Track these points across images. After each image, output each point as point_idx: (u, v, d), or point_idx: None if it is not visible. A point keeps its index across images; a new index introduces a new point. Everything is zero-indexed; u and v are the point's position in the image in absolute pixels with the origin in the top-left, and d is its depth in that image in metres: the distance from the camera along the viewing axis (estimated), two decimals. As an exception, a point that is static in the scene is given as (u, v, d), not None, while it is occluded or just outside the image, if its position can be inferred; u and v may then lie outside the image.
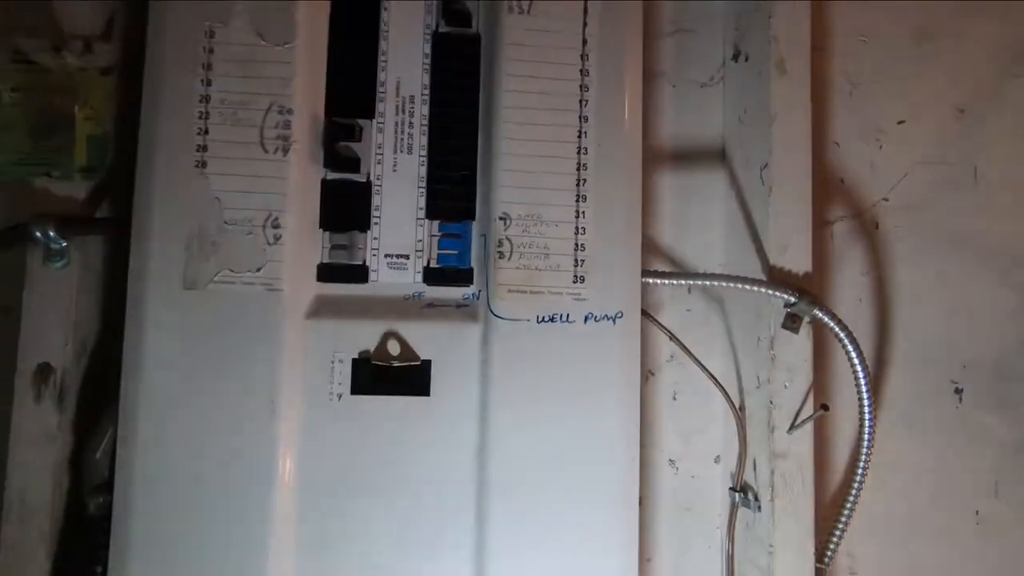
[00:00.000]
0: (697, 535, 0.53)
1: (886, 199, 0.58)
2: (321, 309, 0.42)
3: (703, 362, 0.50)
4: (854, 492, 0.46)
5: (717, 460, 0.54)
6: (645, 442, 0.53)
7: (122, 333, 0.39)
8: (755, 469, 0.49)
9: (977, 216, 0.57)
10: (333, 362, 0.41)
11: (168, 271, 0.39)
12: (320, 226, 0.42)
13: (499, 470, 0.40)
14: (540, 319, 0.41)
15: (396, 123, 0.43)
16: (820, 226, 0.55)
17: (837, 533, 0.47)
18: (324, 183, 0.42)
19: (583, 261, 0.42)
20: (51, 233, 0.41)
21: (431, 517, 0.40)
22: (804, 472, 0.46)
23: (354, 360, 0.41)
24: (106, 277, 0.43)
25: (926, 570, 0.54)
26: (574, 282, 0.42)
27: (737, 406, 0.50)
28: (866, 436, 0.46)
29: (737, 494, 0.49)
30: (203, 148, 0.40)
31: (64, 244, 0.42)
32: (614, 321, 0.42)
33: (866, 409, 0.46)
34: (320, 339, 0.41)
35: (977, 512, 0.55)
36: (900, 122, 0.58)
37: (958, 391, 0.56)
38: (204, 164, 0.40)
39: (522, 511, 0.40)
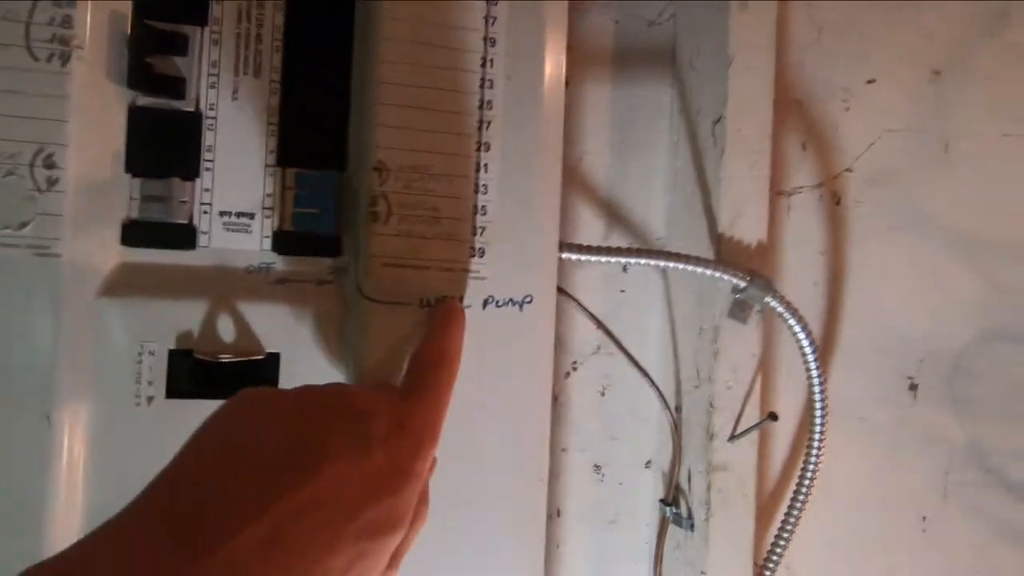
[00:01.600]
0: (622, 553, 0.43)
1: (849, 170, 0.47)
2: (124, 283, 0.28)
3: (639, 353, 0.39)
4: (797, 510, 0.36)
5: (648, 465, 0.44)
6: (567, 444, 0.42)
7: None
8: (689, 480, 0.38)
9: (947, 194, 0.47)
10: (141, 355, 0.28)
11: None
12: (126, 170, 0.28)
13: None
14: (425, 303, 0.29)
15: (238, 34, 0.29)
16: (774, 197, 0.44)
17: (776, 554, 0.37)
18: (132, 110, 0.28)
19: (484, 229, 0.30)
20: None
21: None
22: (745, 488, 0.36)
23: (171, 352, 0.28)
24: None
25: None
26: (471, 255, 0.29)
27: (673, 407, 0.39)
28: (815, 450, 0.36)
29: (668, 508, 0.39)
30: None
31: None
32: (521, 307, 0.30)
33: (818, 419, 0.36)
34: (122, 324, 0.27)
35: (924, 518, 0.46)
36: (870, 81, 0.47)
37: (912, 387, 0.47)
38: None
39: None
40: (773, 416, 0.37)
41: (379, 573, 0.21)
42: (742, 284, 0.37)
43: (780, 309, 0.37)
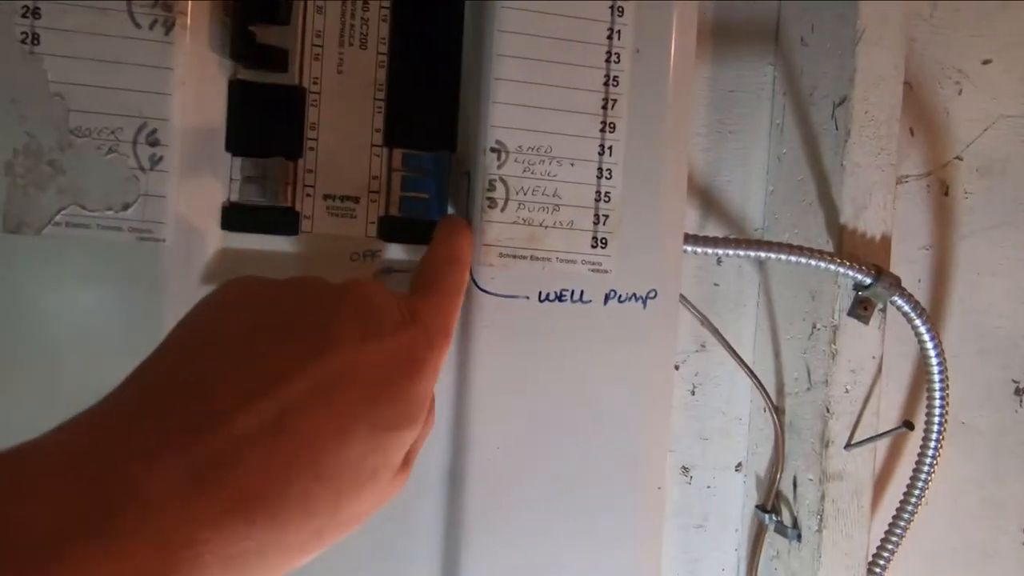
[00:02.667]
0: (708, 557, 0.41)
1: (959, 158, 0.44)
2: (227, 271, 0.26)
3: (739, 355, 0.36)
4: (904, 521, 0.33)
5: (738, 468, 0.41)
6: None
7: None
8: (795, 488, 0.35)
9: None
10: None
11: None
12: (226, 148, 0.26)
13: (480, 501, 0.26)
14: (543, 297, 0.26)
15: (344, 1, 0.26)
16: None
17: (880, 566, 0.34)
18: (233, 84, 0.26)
19: (607, 217, 0.27)
20: None
21: (385, 565, 0.25)
22: (861, 499, 0.33)
23: None
24: None
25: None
26: (594, 247, 0.27)
27: (773, 407, 0.36)
28: (929, 459, 0.33)
29: (767, 515, 0.36)
30: (33, 12, 0.23)
31: None
32: (644, 303, 0.27)
33: (936, 429, 0.33)
34: None
35: None
36: (985, 62, 0.43)
37: (1018, 391, 0.43)
38: (35, 38, 0.23)
39: (504, 558, 0.26)
40: (909, 425, 0.34)
41: (393, 472, 0.18)
42: (867, 281, 0.33)
43: (907, 309, 0.34)
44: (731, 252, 0.32)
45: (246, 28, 0.27)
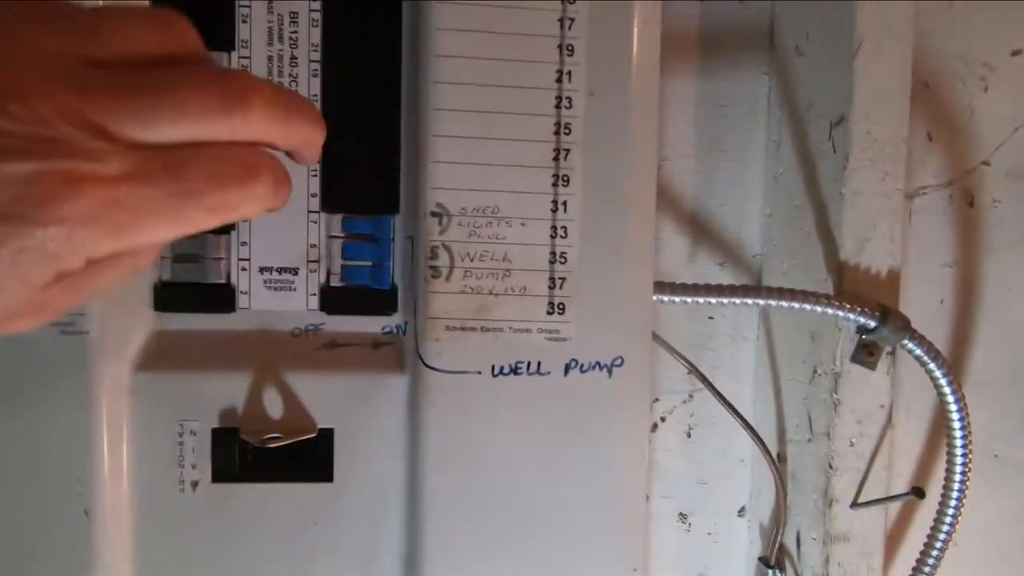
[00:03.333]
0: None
1: (987, 163, 0.39)
2: (160, 354, 0.24)
3: (732, 392, 0.34)
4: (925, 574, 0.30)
5: (741, 512, 0.38)
6: (650, 490, 0.37)
7: None
8: (799, 546, 0.32)
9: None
10: (182, 435, 0.24)
11: None
12: None
13: None
14: (497, 371, 0.24)
15: (271, 57, 0.24)
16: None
17: None
18: None
19: (563, 280, 0.24)
20: None
21: None
22: (872, 560, 0.30)
23: (214, 432, 0.24)
24: None
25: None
26: (550, 313, 0.24)
27: (775, 455, 0.33)
28: (949, 518, 0.29)
29: (772, 571, 0.33)
30: None
31: None
32: (610, 371, 0.24)
33: (957, 485, 0.29)
34: (160, 402, 0.24)
35: None
36: (1016, 52, 0.38)
37: None
38: None
39: None
40: (919, 493, 0.31)
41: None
42: (872, 324, 0.30)
43: (920, 353, 0.30)
44: (714, 301, 0.28)
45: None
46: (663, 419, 0.40)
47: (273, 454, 0.26)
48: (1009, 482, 0.42)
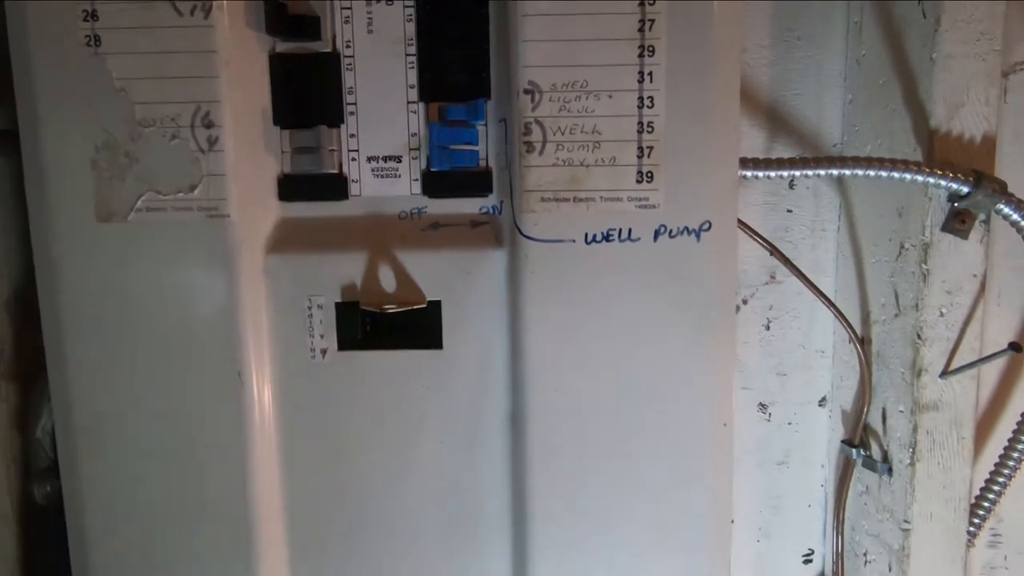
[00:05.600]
0: (793, 495, 0.39)
1: None
2: (287, 238, 0.28)
3: (813, 283, 0.34)
4: (1018, 452, 0.30)
5: (822, 402, 0.38)
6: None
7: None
8: (884, 421, 0.33)
9: None
10: (310, 309, 0.27)
11: (74, 198, 0.26)
12: (275, 122, 0.27)
13: (540, 444, 0.27)
14: (590, 238, 0.25)
15: None
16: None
17: (988, 500, 0.31)
18: (273, 58, 0.26)
19: (651, 149, 0.25)
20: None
21: (450, 508, 0.27)
22: (962, 430, 0.30)
23: (338, 305, 0.27)
24: (19, 210, 0.29)
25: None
26: (639, 181, 0.25)
27: (859, 338, 0.34)
28: None
29: (854, 450, 0.34)
30: (92, 15, 0.25)
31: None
32: (698, 236, 0.26)
33: None
34: (290, 280, 0.27)
35: None
36: None
37: None
38: (97, 39, 0.25)
39: (572, 496, 0.27)
40: (1015, 347, 0.31)
41: None
42: (965, 190, 0.29)
43: (1017, 217, 0.29)
44: (799, 173, 0.29)
45: (277, 1, 0.28)
46: (745, 302, 0.40)
47: (389, 323, 0.29)
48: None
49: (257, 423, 0.29)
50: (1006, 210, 0.29)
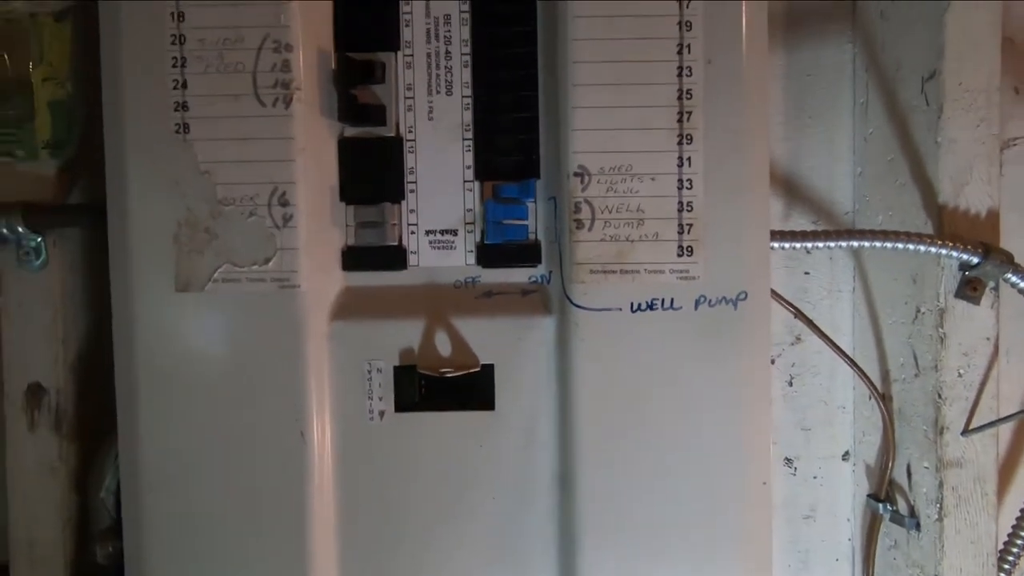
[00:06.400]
0: (820, 549, 0.40)
1: None
2: (350, 306, 0.30)
3: (836, 343, 0.36)
4: None
5: (846, 457, 0.40)
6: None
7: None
8: (909, 476, 0.34)
9: None
10: (370, 372, 0.29)
11: (155, 269, 0.28)
12: (341, 198, 0.29)
13: (588, 502, 0.28)
14: (635, 307, 0.28)
15: (429, 54, 0.29)
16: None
17: (1014, 554, 0.33)
18: (342, 142, 0.29)
19: (690, 226, 0.28)
20: (20, 228, 0.30)
21: (502, 566, 0.28)
22: (985, 486, 0.32)
23: (396, 369, 0.29)
24: (93, 276, 0.31)
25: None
26: (680, 255, 0.28)
27: (879, 395, 0.36)
28: None
29: (881, 504, 0.35)
30: (182, 106, 0.28)
31: (39, 240, 0.31)
32: (735, 304, 0.28)
33: None
34: (351, 345, 0.29)
35: None
36: None
37: None
38: (186, 127, 0.28)
39: (618, 555, 0.28)
40: (1032, 410, 0.33)
41: None
42: (975, 260, 0.32)
43: (1023, 285, 0.32)
44: (822, 245, 0.32)
45: (349, 92, 0.31)
46: (772, 360, 0.43)
47: (444, 387, 0.31)
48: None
49: (317, 482, 0.31)
50: (1014, 279, 0.32)
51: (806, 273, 0.42)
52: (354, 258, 0.31)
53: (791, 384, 0.43)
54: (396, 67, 0.31)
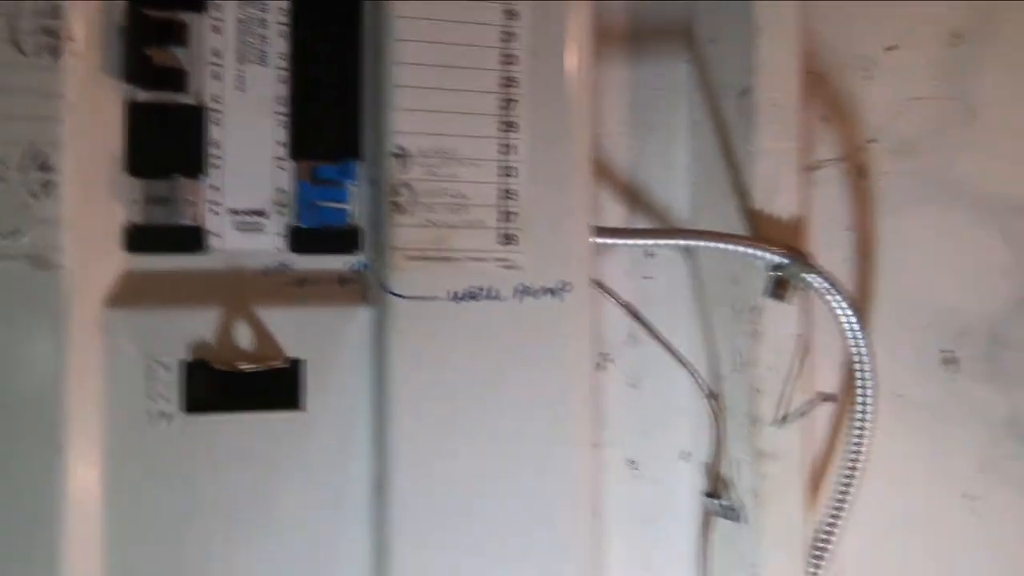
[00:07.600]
0: (664, 551, 0.40)
1: (874, 140, 0.44)
2: (131, 292, 0.25)
3: (670, 341, 0.36)
4: (846, 495, 0.33)
5: (686, 458, 0.41)
6: (598, 439, 0.39)
7: None
8: (737, 471, 0.35)
9: (976, 161, 0.45)
10: (153, 369, 0.24)
11: None
12: (125, 170, 0.25)
13: (405, 509, 0.25)
14: (455, 296, 0.26)
15: (240, 20, 0.26)
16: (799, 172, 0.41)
17: (825, 541, 0.34)
18: (131, 106, 0.25)
19: (514, 214, 0.27)
20: None
21: None
22: (796, 475, 0.33)
23: (188, 364, 0.24)
24: None
25: (916, 563, 0.43)
26: (502, 243, 0.26)
27: (709, 393, 0.36)
28: (861, 432, 0.33)
29: (714, 501, 0.36)
30: None
31: None
32: (557, 295, 0.27)
33: (866, 400, 0.33)
34: (131, 336, 0.24)
35: (969, 496, 0.44)
36: (890, 48, 0.44)
37: (949, 361, 0.44)
38: None
39: (435, 568, 0.25)
40: (827, 396, 0.35)
41: None
42: (780, 261, 0.34)
43: (818, 284, 0.34)
44: (642, 242, 0.32)
45: (141, 51, 0.27)
46: (611, 359, 0.43)
47: (244, 384, 0.28)
48: (911, 418, 0.47)
49: (77, 500, 0.25)
50: (809, 279, 0.34)
51: (646, 278, 0.43)
52: (140, 238, 0.27)
53: (634, 387, 0.43)
54: (203, 29, 0.28)
